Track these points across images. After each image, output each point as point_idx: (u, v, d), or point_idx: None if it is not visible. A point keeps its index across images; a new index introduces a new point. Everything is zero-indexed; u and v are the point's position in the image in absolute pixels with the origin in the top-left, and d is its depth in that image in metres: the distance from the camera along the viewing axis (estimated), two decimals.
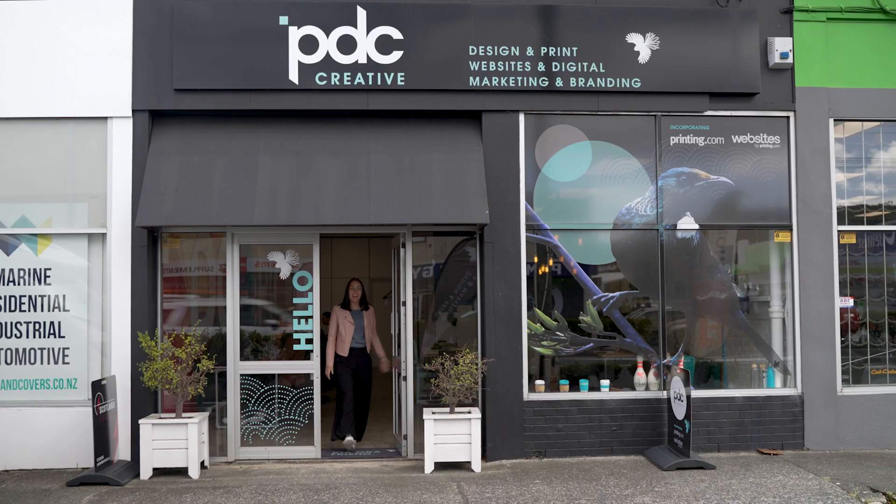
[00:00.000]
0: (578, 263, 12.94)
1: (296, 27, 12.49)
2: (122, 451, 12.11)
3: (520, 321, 12.60)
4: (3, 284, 12.48)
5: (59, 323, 12.47)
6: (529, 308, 12.77)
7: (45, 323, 12.46)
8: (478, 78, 12.62)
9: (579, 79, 12.74)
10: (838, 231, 13.20)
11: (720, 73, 12.91)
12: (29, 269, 12.53)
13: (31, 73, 12.44)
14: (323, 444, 12.80)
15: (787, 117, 13.24)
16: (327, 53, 12.52)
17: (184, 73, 12.42)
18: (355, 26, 12.55)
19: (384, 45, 12.57)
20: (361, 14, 12.56)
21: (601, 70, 12.76)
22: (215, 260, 12.81)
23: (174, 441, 11.51)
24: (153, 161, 12.22)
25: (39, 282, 12.48)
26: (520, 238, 12.65)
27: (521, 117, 12.83)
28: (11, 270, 12.50)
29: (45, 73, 12.45)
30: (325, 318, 14.58)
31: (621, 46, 12.83)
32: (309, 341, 12.61)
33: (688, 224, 12.99)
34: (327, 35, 12.51)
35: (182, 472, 11.62)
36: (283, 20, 12.49)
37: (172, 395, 11.78)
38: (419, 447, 12.34)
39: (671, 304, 13.00)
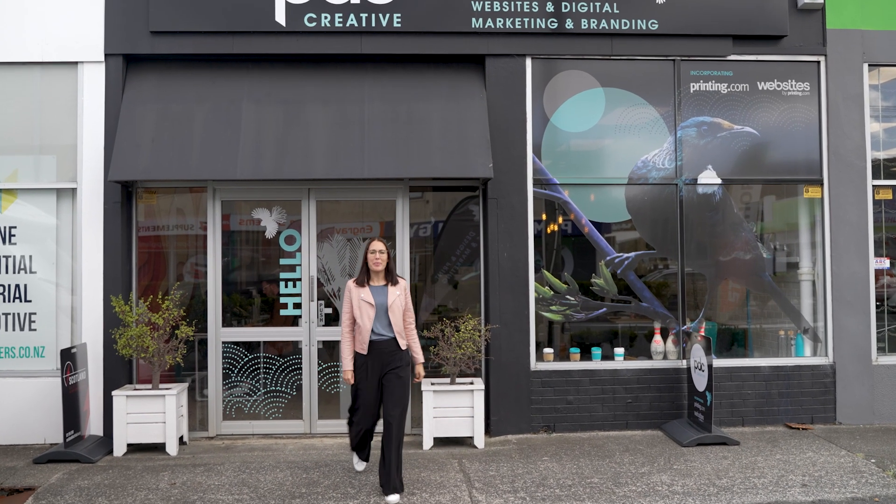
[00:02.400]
0: (590, 221, 12.61)
1: None
2: (94, 426, 11.80)
3: (526, 284, 12.27)
4: None
5: (25, 286, 12.12)
6: (537, 270, 12.48)
7: (9, 286, 12.11)
8: (481, 19, 12.27)
9: (591, 20, 12.39)
10: (873, 186, 12.84)
11: (745, 14, 12.56)
12: None
13: None
14: (312, 417, 12.37)
15: (818, 62, 12.88)
16: None
17: (160, 13, 12.06)
18: None
19: None
20: None
21: (615, 10, 12.42)
22: (195, 217, 12.49)
23: (150, 415, 11.23)
24: (127, 110, 11.90)
25: (3, 241, 12.12)
26: (527, 194, 12.34)
27: (528, 62, 12.48)
28: None
29: (9, 13, 12.08)
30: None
31: None
32: (297, 306, 12.32)
33: (709, 178, 12.65)
34: None
35: (159, 448, 11.39)
36: None
37: (148, 364, 11.51)
38: (417, 421, 12.12)
39: (691, 266, 12.68)
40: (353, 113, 12.01)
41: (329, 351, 12.30)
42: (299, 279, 12.36)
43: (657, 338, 12.58)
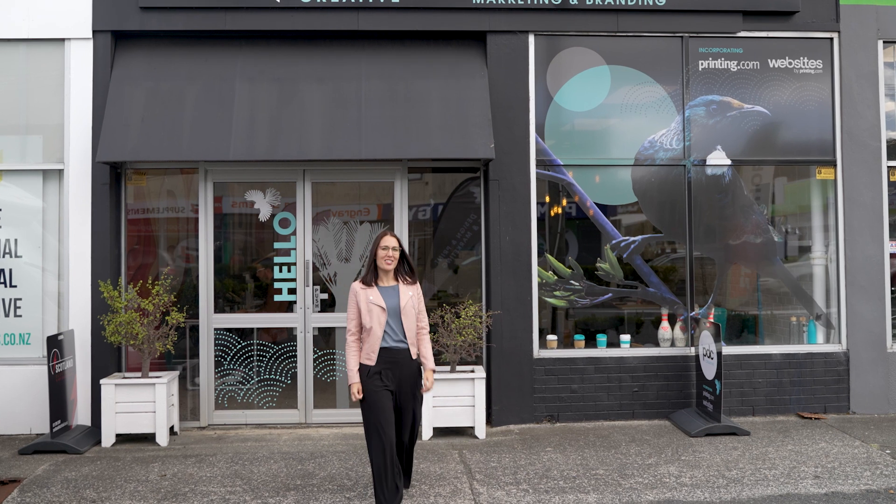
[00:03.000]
0: (595, 204, 12.48)
1: None
2: (82, 416, 11.68)
3: (529, 269, 12.14)
4: None
5: (11, 270, 11.98)
6: (540, 254, 12.35)
7: None
8: None
9: None
10: (888, 167, 12.69)
11: None
12: None
13: None
14: (307, 406, 12.25)
15: (831, 39, 12.72)
16: None
17: None
18: None
19: None
20: None
21: None
22: (186, 200, 12.39)
23: (140, 404, 11.12)
24: (116, 88, 11.74)
25: None
26: (529, 175, 12.19)
27: (531, 39, 12.32)
28: None
29: None
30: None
31: None
32: (292, 291, 12.16)
33: (719, 159, 12.52)
34: None
35: (149, 438, 11.27)
36: None
37: (138, 352, 11.38)
38: None
39: (700, 250, 12.55)
40: (350, 91, 11.87)
41: (325, 338, 12.19)
42: (294, 263, 12.23)
43: (664, 324, 12.45)
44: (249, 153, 11.39)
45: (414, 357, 8.32)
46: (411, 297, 8.34)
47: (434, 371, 8.63)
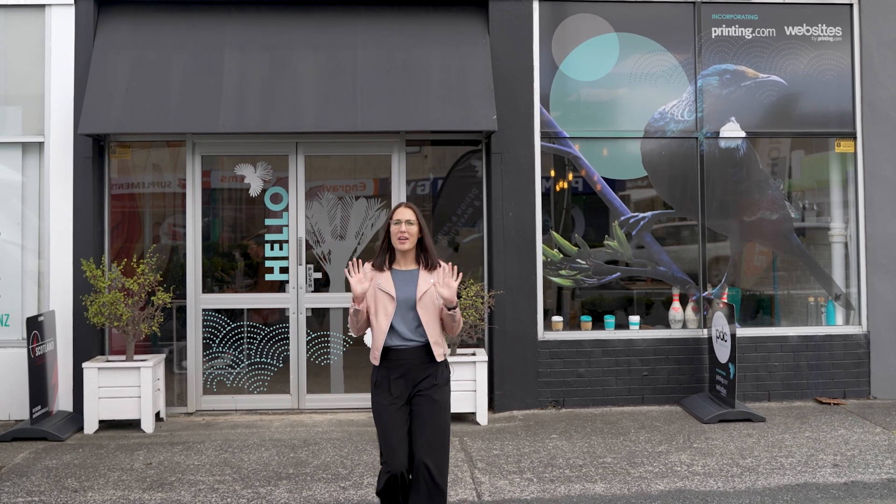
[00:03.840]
0: (603, 178, 12.38)
1: None
2: (63, 401, 11.58)
3: (533, 246, 12.05)
4: None
5: None
6: (545, 231, 12.25)
7: None
8: None
9: None
10: None
11: None
12: None
13: None
14: (300, 391, 12.20)
15: (850, 5, 12.58)
16: None
17: None
18: None
19: None
20: None
21: None
22: (173, 174, 12.30)
23: (124, 388, 11.01)
24: (99, 57, 11.61)
25: None
26: (534, 148, 12.09)
27: (536, 5, 12.20)
28: None
29: None
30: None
31: None
32: (284, 270, 12.09)
33: (733, 131, 12.41)
34: None
35: (134, 425, 11.17)
36: None
37: (122, 334, 11.25)
38: None
39: (713, 226, 12.48)
40: (346, 60, 11.77)
41: (319, 319, 12.09)
42: (286, 241, 12.14)
43: (676, 305, 12.37)
44: (240, 125, 11.30)
45: (437, 358, 6.63)
46: (433, 285, 6.65)
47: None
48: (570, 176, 12.47)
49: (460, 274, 6.71)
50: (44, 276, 11.79)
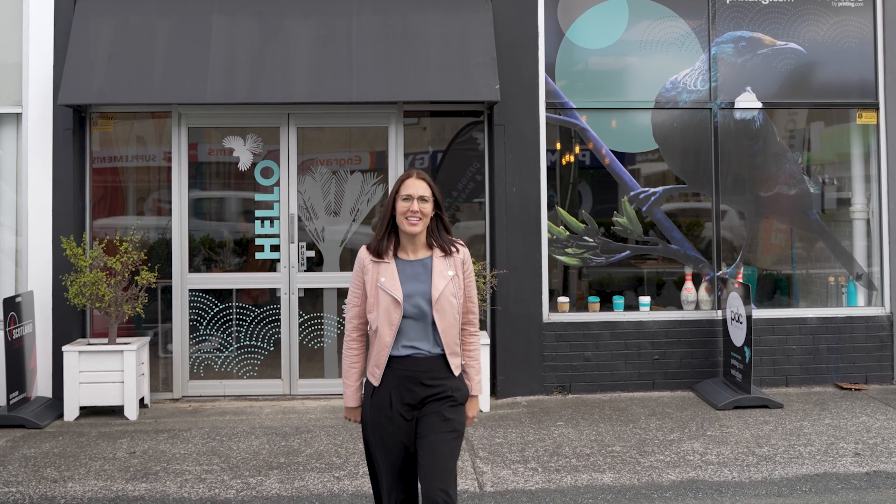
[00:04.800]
0: (611, 151, 12.31)
1: None
2: (42, 386, 11.52)
3: (538, 223, 11.97)
4: None
5: None
6: (550, 207, 12.19)
7: None
8: None
9: None
10: None
11: None
12: None
13: None
14: (292, 376, 12.19)
15: None
16: None
17: None
18: None
19: None
20: None
21: None
22: (158, 147, 12.22)
23: (107, 373, 10.96)
24: (80, 23, 11.50)
25: None
26: (538, 119, 11.99)
27: None
28: None
29: None
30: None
31: None
32: (275, 248, 12.03)
33: (748, 102, 12.33)
34: None
35: (117, 411, 11.11)
36: None
37: (104, 315, 11.19)
38: None
39: (727, 202, 12.42)
40: (340, 27, 11.69)
41: (311, 300, 12.04)
42: (277, 217, 12.10)
43: (688, 285, 12.31)
44: (228, 95, 11.24)
45: (455, 371, 5.55)
46: (452, 277, 5.52)
47: (477, 389, 5.81)
48: (577, 149, 12.42)
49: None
50: (21, 255, 11.72)
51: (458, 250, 5.63)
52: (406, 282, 5.45)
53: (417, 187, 5.47)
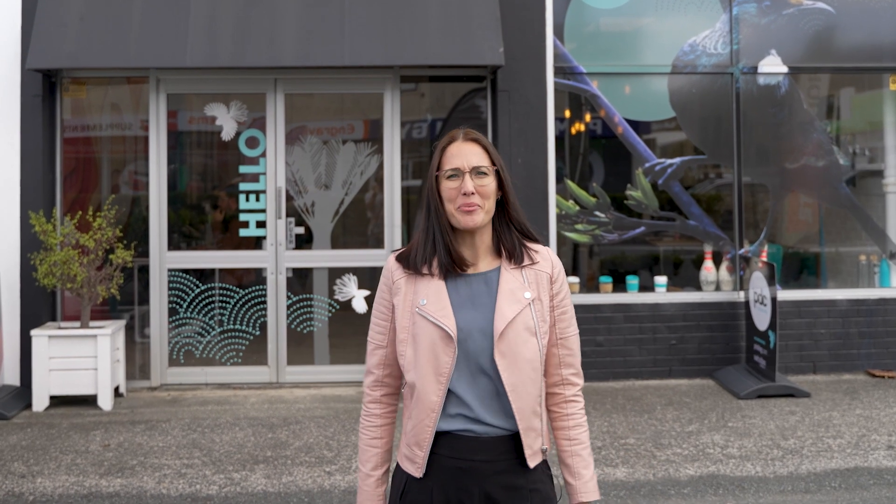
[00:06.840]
0: (625, 119, 12.28)
1: None
2: (9, 374, 11.50)
3: (546, 197, 11.97)
4: None
5: None
6: (559, 180, 12.19)
7: None
8: None
9: None
10: None
11: None
12: None
13: None
14: (279, 362, 12.21)
15: None
16: None
17: None
18: None
19: None
20: None
21: None
22: (134, 115, 12.19)
23: (79, 360, 10.93)
24: None
25: None
26: (546, 85, 11.97)
27: None
28: None
29: None
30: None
31: None
32: (261, 224, 12.02)
33: (773, 66, 12.29)
34: None
35: (90, 401, 11.08)
36: None
37: (76, 297, 11.15)
38: None
39: (750, 175, 12.41)
40: None
41: (301, 280, 12.06)
42: (264, 191, 12.09)
43: (708, 264, 12.29)
44: (210, 59, 11.21)
45: (530, 462, 3.75)
46: (530, 303, 3.67)
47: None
48: (588, 117, 12.44)
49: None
50: None
51: (540, 258, 3.77)
52: (461, 307, 3.65)
53: (468, 154, 3.64)
